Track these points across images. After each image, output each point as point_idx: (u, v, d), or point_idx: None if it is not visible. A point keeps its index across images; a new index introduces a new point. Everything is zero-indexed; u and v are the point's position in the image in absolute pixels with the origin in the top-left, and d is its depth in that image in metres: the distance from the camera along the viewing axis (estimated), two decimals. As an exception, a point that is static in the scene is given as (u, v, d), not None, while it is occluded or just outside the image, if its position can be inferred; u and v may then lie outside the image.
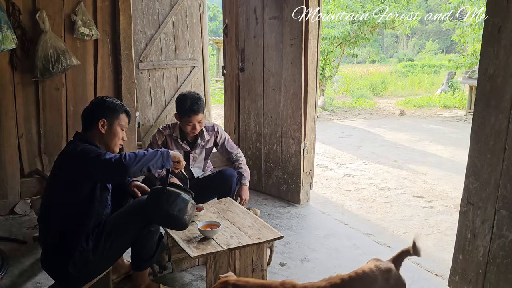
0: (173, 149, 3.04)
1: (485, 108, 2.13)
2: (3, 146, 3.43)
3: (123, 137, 2.25)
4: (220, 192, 2.99)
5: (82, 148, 2.02)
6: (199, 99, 2.90)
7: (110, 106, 2.20)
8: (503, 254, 2.08)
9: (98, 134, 2.16)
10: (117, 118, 2.21)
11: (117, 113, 2.21)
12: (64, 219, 2.00)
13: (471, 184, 2.24)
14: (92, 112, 2.19)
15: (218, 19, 27.25)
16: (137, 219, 2.13)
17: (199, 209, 2.57)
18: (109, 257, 2.11)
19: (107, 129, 2.17)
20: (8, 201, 3.50)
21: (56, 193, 2.04)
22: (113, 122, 2.19)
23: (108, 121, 2.17)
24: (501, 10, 2.01)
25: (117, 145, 2.23)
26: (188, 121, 2.90)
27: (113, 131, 2.19)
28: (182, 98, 2.90)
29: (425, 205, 4.00)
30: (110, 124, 2.18)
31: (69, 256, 1.98)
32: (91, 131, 2.16)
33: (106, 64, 3.75)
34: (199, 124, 2.93)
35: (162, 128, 3.05)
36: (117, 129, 2.20)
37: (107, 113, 2.18)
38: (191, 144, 3.08)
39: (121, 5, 3.68)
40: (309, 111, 3.73)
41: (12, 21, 3.24)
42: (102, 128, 2.15)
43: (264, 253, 2.38)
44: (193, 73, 5.13)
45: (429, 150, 6.33)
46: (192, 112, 2.86)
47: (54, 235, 2.01)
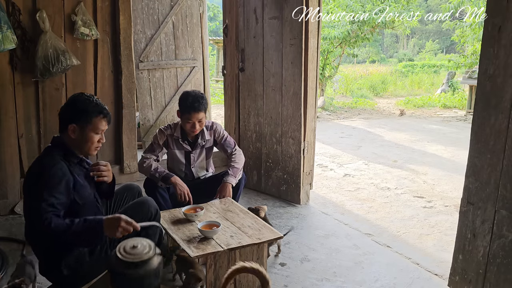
0: (174, 148, 3.04)
1: (485, 108, 2.13)
2: (3, 146, 3.43)
3: (100, 140, 2.07)
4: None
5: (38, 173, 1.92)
6: (202, 97, 2.91)
7: (81, 109, 1.99)
8: (503, 254, 2.08)
9: (70, 139, 2.01)
10: (89, 122, 2.00)
11: (89, 117, 1.99)
12: None
13: (471, 184, 2.24)
14: (64, 115, 2.02)
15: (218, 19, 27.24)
16: None
17: (199, 208, 2.57)
18: (103, 260, 2.04)
19: (78, 134, 2.00)
20: (8, 201, 3.50)
21: (25, 198, 1.99)
22: (84, 127, 2.00)
23: (78, 126, 1.99)
24: (501, 10, 2.01)
25: (92, 149, 2.07)
26: (188, 118, 2.90)
27: (85, 137, 2.01)
28: (185, 95, 2.93)
29: (425, 205, 4.00)
30: (82, 130, 1.99)
31: (62, 257, 1.95)
32: (64, 133, 2.02)
33: (106, 64, 3.75)
34: (199, 123, 2.93)
35: (164, 128, 3.05)
36: (89, 134, 2.01)
37: (78, 117, 1.99)
38: (192, 144, 3.08)
39: (121, 5, 3.69)
40: (309, 111, 3.73)
41: (12, 21, 3.24)
42: (73, 133, 1.99)
43: (264, 253, 2.38)
44: (193, 73, 5.13)
45: (429, 150, 6.33)
46: (193, 109, 2.86)
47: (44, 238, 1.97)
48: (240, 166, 3.03)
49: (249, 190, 4.18)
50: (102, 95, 3.76)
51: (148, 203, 2.25)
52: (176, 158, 3.06)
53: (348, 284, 2.58)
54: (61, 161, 1.98)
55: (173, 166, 3.11)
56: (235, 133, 4.36)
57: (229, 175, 2.95)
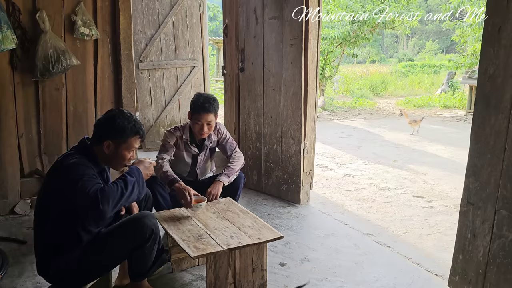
0: (182, 150, 3.03)
1: (485, 108, 2.12)
2: (3, 146, 3.43)
3: (131, 157, 2.09)
4: (225, 193, 2.98)
5: (73, 164, 1.91)
6: (213, 100, 2.90)
7: (119, 128, 2.01)
8: (503, 254, 2.08)
9: (103, 153, 2.03)
10: (124, 142, 2.02)
11: (125, 137, 2.02)
12: (51, 223, 1.95)
13: (471, 184, 2.24)
14: (100, 130, 2.04)
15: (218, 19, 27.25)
16: (125, 241, 2.01)
17: (201, 200, 2.62)
18: (93, 272, 2.03)
19: (112, 151, 2.02)
20: (8, 201, 3.50)
21: (43, 197, 2.00)
22: (119, 145, 2.02)
23: (114, 144, 2.01)
24: (501, 10, 2.01)
25: (120, 166, 2.09)
26: (197, 119, 2.87)
27: (118, 154, 2.03)
28: (197, 95, 2.94)
29: (425, 205, 4.00)
30: (117, 147, 2.02)
31: (53, 258, 1.94)
32: (97, 145, 2.03)
33: (106, 64, 3.75)
34: (208, 126, 2.89)
35: (173, 130, 3.02)
36: (123, 153, 2.04)
37: (115, 135, 2.01)
38: (199, 146, 3.08)
39: (121, 5, 3.68)
40: (309, 111, 3.73)
41: (12, 21, 3.24)
42: (107, 149, 2.01)
43: (264, 253, 2.38)
44: (193, 73, 5.13)
45: (429, 150, 6.33)
46: (203, 109, 2.85)
47: (42, 236, 1.98)
48: (236, 168, 3.01)
49: (249, 190, 4.18)
50: (102, 95, 3.76)
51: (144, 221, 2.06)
52: (183, 159, 3.06)
53: (348, 284, 2.58)
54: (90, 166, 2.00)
55: (177, 166, 3.10)
56: (235, 133, 4.36)
57: (222, 174, 2.94)
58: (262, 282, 2.39)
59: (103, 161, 2.06)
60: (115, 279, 2.44)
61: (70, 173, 1.89)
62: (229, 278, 2.26)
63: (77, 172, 1.88)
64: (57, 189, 1.93)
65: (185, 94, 5.15)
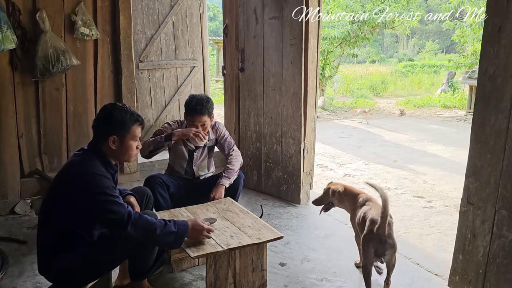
0: (180, 144, 3.04)
1: (485, 108, 2.13)
2: (3, 146, 3.43)
3: (137, 146, 2.13)
4: (225, 193, 2.98)
5: (87, 172, 1.92)
6: (206, 101, 2.92)
7: (119, 120, 2.03)
8: (503, 254, 2.08)
9: (110, 150, 2.04)
10: (128, 132, 2.05)
11: (127, 127, 2.05)
12: (56, 224, 1.96)
13: (471, 184, 2.24)
14: (101, 126, 2.05)
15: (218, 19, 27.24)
16: (126, 241, 2.00)
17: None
18: (95, 272, 2.04)
19: (118, 145, 2.04)
20: (8, 201, 3.50)
21: (52, 198, 2.00)
22: (124, 137, 2.04)
23: (118, 137, 2.03)
24: (501, 10, 2.01)
25: (132, 157, 2.13)
26: (191, 121, 2.94)
27: (125, 146, 2.06)
28: (190, 97, 2.97)
29: (425, 205, 4.00)
30: (122, 140, 2.04)
31: (55, 258, 1.95)
32: (103, 144, 2.04)
33: (106, 64, 3.75)
34: (202, 127, 2.94)
35: (172, 123, 3.09)
36: (129, 143, 2.06)
37: (117, 129, 2.03)
38: None
39: (121, 5, 3.69)
40: (309, 111, 3.73)
41: (12, 21, 3.24)
42: (113, 144, 2.02)
43: (264, 253, 2.37)
44: (193, 73, 5.13)
45: (429, 150, 6.33)
46: (195, 112, 2.90)
47: (45, 236, 1.99)
48: (235, 168, 3.04)
49: (249, 190, 4.18)
50: (102, 95, 3.76)
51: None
52: (181, 153, 3.07)
53: (348, 284, 2.58)
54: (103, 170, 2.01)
55: (175, 162, 3.11)
56: (235, 133, 4.36)
57: (223, 177, 2.98)
58: (262, 282, 2.39)
59: (113, 157, 2.08)
60: (115, 279, 2.44)
61: (89, 185, 1.90)
62: (229, 278, 2.26)
63: (97, 184, 1.90)
64: (65, 192, 1.94)
65: (185, 94, 5.15)
